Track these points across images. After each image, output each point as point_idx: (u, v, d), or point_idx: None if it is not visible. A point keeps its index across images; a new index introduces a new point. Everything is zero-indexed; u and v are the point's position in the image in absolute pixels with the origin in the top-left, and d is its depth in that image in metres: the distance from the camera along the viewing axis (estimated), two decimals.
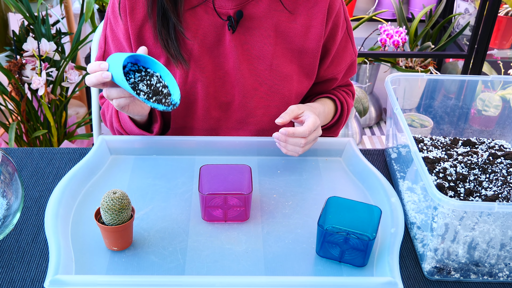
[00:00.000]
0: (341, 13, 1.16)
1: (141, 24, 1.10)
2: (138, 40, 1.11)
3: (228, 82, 1.15)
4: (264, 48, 1.12)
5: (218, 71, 1.14)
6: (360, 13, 2.93)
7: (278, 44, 1.13)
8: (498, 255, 0.86)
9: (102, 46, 1.17)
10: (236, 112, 1.18)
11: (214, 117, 1.18)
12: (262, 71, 1.14)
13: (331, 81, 1.24)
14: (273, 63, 1.13)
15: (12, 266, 0.88)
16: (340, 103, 1.23)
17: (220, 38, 1.11)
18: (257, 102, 1.17)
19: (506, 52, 2.75)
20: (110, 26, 1.14)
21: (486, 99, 1.22)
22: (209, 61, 1.12)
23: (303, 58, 1.15)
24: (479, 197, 0.95)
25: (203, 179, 0.98)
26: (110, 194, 0.85)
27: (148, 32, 1.10)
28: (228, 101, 1.17)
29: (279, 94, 1.16)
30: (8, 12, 2.23)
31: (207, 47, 1.11)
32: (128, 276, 0.84)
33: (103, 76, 0.93)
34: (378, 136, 2.80)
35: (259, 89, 1.15)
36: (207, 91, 1.14)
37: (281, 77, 1.15)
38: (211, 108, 1.17)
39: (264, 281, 0.82)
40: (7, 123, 2.19)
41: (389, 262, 0.86)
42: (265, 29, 1.11)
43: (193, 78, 1.13)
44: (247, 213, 0.96)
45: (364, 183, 1.07)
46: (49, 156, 1.14)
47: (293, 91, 1.17)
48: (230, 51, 1.11)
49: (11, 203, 0.87)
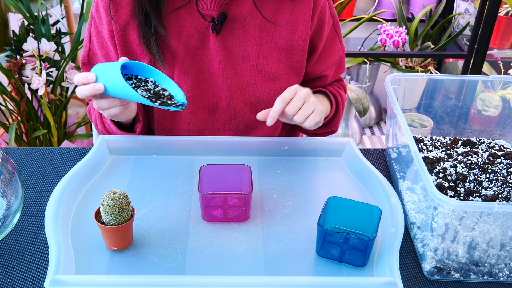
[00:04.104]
0: (326, 9, 1.15)
1: (125, 24, 1.09)
2: (123, 40, 1.10)
3: (214, 84, 1.14)
4: (249, 49, 1.12)
5: (203, 73, 1.13)
6: (360, 13, 2.93)
7: (264, 44, 1.13)
8: (498, 255, 0.86)
9: (87, 45, 1.16)
10: (223, 113, 1.18)
11: (201, 119, 1.18)
12: (248, 71, 1.14)
13: (320, 79, 1.24)
14: (259, 63, 1.13)
15: (12, 266, 0.88)
16: (332, 95, 1.22)
17: (205, 40, 1.11)
18: (244, 102, 1.17)
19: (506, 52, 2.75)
20: (95, 25, 1.13)
21: (486, 99, 1.22)
22: (193, 63, 1.12)
23: (291, 56, 1.15)
24: (479, 197, 0.95)
25: (203, 179, 0.98)
26: (110, 194, 0.85)
27: (133, 32, 1.10)
28: (215, 102, 1.16)
29: (266, 94, 1.16)
30: (8, 12, 2.23)
31: (191, 49, 1.11)
32: (128, 276, 0.84)
33: (96, 89, 0.92)
34: (378, 136, 2.80)
35: (245, 90, 1.15)
36: (193, 93, 1.14)
37: (267, 77, 1.15)
38: (197, 110, 1.17)
39: (264, 281, 0.82)
40: (7, 123, 2.19)
41: (389, 262, 0.86)
42: (249, 29, 1.11)
43: (178, 80, 1.13)
44: (247, 213, 0.96)
45: (364, 183, 1.07)
46: (49, 156, 1.14)
47: (282, 89, 1.16)
48: (215, 53, 1.11)
49: (11, 203, 0.87)
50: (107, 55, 1.14)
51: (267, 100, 1.17)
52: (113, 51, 1.13)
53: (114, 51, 1.12)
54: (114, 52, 1.13)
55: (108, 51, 1.14)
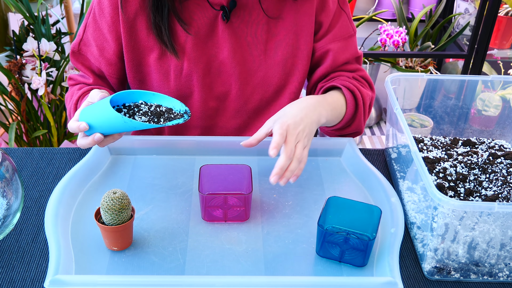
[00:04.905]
0: None
1: (134, 15, 1.09)
2: (130, 32, 1.10)
3: (224, 71, 1.15)
4: (258, 34, 1.13)
5: (212, 62, 1.14)
6: (360, 13, 2.93)
7: (271, 28, 1.13)
8: (498, 255, 0.86)
9: (81, 34, 1.16)
10: (233, 101, 1.18)
11: (212, 107, 1.19)
12: (257, 56, 1.14)
13: (325, 58, 1.17)
14: (268, 47, 1.14)
15: (12, 266, 0.88)
16: (350, 92, 1.12)
17: (213, 29, 1.12)
18: (253, 89, 1.17)
19: (506, 52, 2.75)
20: (93, 16, 1.13)
21: (486, 99, 1.21)
22: (203, 53, 1.13)
23: (299, 37, 1.14)
24: (479, 197, 0.95)
25: (203, 179, 0.98)
26: (110, 194, 0.85)
27: (141, 23, 1.10)
28: (225, 90, 1.17)
29: (275, 79, 1.16)
30: (8, 12, 2.23)
31: (200, 39, 1.12)
32: (128, 276, 0.84)
33: (96, 140, 0.89)
34: (378, 136, 2.80)
35: (255, 75, 1.16)
36: (203, 82, 1.15)
37: (276, 62, 1.15)
38: (208, 99, 1.17)
39: (264, 281, 0.82)
40: (7, 123, 2.19)
41: (389, 262, 0.86)
42: (257, 15, 1.11)
43: (188, 71, 1.13)
44: (247, 213, 0.96)
45: (364, 183, 1.07)
46: (49, 156, 1.14)
47: (290, 75, 1.16)
48: (224, 41, 1.12)
49: (11, 203, 0.87)
50: (101, 47, 1.14)
51: (276, 85, 1.17)
52: (111, 44, 1.12)
53: (113, 44, 1.12)
54: (113, 45, 1.12)
55: (103, 43, 1.13)
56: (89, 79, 1.18)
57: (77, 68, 1.19)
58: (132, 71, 1.15)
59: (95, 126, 0.89)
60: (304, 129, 0.97)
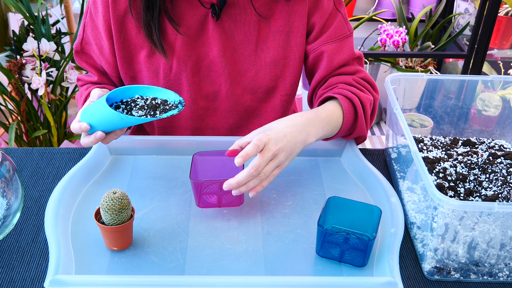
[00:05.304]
0: None
1: (123, 13, 1.09)
2: (120, 30, 1.11)
3: (214, 71, 1.14)
4: (248, 33, 1.12)
5: (202, 61, 1.13)
6: (360, 13, 2.93)
7: (263, 28, 1.12)
8: (498, 255, 0.86)
9: (81, 34, 1.16)
10: (223, 101, 1.18)
11: (202, 106, 1.18)
12: (247, 57, 1.14)
13: (320, 61, 1.15)
14: (258, 47, 1.13)
15: (12, 266, 0.88)
16: (348, 100, 1.08)
17: (203, 28, 1.11)
18: (244, 89, 1.17)
19: (506, 52, 2.75)
20: (90, 15, 1.14)
21: (486, 99, 1.22)
22: (192, 51, 1.12)
23: (290, 38, 1.14)
24: (479, 197, 0.95)
25: (198, 166, 0.98)
26: (110, 194, 0.85)
27: (131, 22, 1.10)
28: (215, 90, 1.17)
29: (266, 79, 1.16)
30: (8, 12, 2.23)
31: (190, 38, 1.11)
32: (128, 276, 0.84)
33: (98, 138, 0.92)
34: (378, 136, 2.80)
35: (245, 75, 1.15)
36: (192, 81, 1.14)
37: (267, 62, 1.14)
38: (197, 98, 1.17)
39: (264, 281, 0.82)
40: (7, 123, 2.19)
41: (389, 262, 0.86)
42: (248, 14, 1.11)
43: (177, 70, 1.13)
44: (241, 197, 0.96)
45: (364, 183, 1.07)
46: (49, 156, 1.14)
47: (281, 76, 1.15)
48: (214, 39, 1.11)
49: (11, 203, 0.87)
50: (100, 45, 1.14)
51: (266, 86, 1.16)
52: (106, 42, 1.13)
53: (108, 42, 1.12)
54: (108, 43, 1.12)
55: (101, 42, 1.14)
56: (94, 77, 1.19)
57: (82, 67, 1.20)
58: (124, 68, 1.15)
59: (95, 125, 0.92)
60: (284, 147, 0.94)
